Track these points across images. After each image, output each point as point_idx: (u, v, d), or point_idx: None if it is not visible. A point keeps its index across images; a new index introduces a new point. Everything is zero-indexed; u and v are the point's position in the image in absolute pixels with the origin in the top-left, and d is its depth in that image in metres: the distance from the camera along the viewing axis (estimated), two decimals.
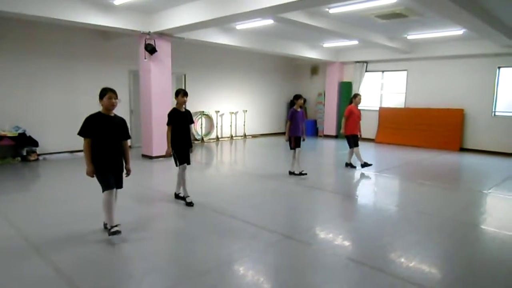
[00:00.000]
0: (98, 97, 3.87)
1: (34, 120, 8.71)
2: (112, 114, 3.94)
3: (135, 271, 3.29)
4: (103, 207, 3.88)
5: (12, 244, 3.81)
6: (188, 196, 5.30)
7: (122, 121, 4.03)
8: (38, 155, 8.59)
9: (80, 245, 3.77)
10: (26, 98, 8.63)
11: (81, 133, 3.78)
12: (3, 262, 3.41)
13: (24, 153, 8.41)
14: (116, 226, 3.86)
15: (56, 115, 9.05)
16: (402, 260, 3.59)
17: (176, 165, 5.27)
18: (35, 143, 8.47)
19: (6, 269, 3.27)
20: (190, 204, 5.20)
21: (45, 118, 8.92)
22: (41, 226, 4.33)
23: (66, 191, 5.92)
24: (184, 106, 5.29)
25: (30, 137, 8.41)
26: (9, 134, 8.05)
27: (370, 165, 7.95)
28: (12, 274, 3.18)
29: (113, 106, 3.87)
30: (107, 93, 3.84)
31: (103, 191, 3.86)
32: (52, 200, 5.47)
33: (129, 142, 10.77)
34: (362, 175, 7.63)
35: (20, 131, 8.23)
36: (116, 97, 3.89)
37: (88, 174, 3.80)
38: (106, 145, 3.85)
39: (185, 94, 5.22)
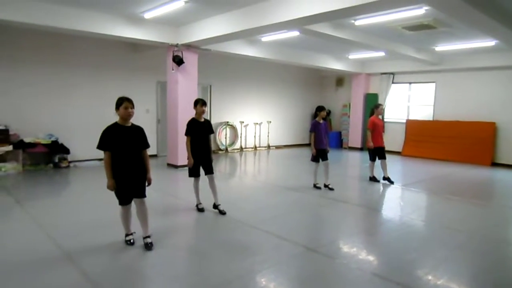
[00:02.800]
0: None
1: (66, 129, 9.04)
2: (129, 124, 3.88)
3: (157, 279, 3.33)
4: (120, 219, 4.06)
5: (41, 248, 3.95)
6: (200, 203, 5.40)
7: (139, 130, 3.96)
8: (69, 162, 8.89)
9: (107, 252, 3.86)
10: (59, 107, 8.98)
11: (100, 146, 3.75)
12: (33, 266, 3.52)
13: (56, 160, 8.72)
14: (130, 234, 4.02)
15: (87, 124, 9.35)
16: (430, 277, 3.48)
17: (189, 175, 5.31)
18: (67, 151, 8.78)
19: (35, 273, 3.39)
20: (201, 210, 5.32)
21: (76, 127, 9.23)
22: (70, 232, 4.46)
23: (95, 198, 6.08)
24: (203, 116, 5.30)
25: (62, 144, 8.72)
26: (42, 142, 8.38)
27: (378, 181, 7.85)
28: (41, 279, 3.29)
29: (129, 115, 3.79)
30: (123, 103, 3.74)
31: (118, 204, 3.98)
32: (81, 206, 5.64)
33: (155, 151, 10.98)
34: (388, 189, 7.47)
35: (53, 138, 8.55)
36: (133, 107, 3.80)
37: (109, 188, 3.81)
38: (125, 156, 3.81)
39: (203, 104, 5.22)
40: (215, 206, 5.42)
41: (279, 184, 7.59)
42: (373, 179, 7.96)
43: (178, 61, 8.56)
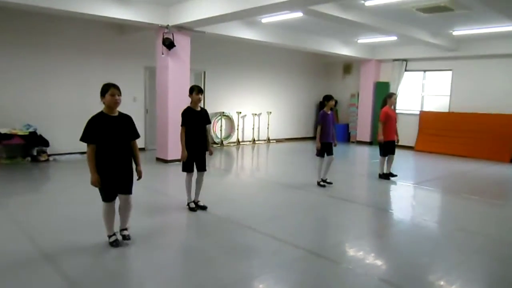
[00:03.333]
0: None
1: (45, 118, 9.04)
2: (116, 113, 3.89)
3: (146, 284, 3.36)
4: (102, 217, 4.03)
5: (20, 248, 3.96)
6: (192, 202, 5.40)
7: (128, 119, 3.98)
8: (49, 155, 8.89)
9: (90, 253, 3.88)
10: (37, 95, 8.96)
11: (84, 138, 3.74)
12: (9, 268, 3.55)
13: (35, 153, 8.72)
14: (113, 235, 4.03)
15: (68, 113, 9.34)
16: (442, 283, 3.53)
17: (182, 170, 5.34)
18: (46, 143, 8.78)
19: (11, 275, 3.41)
20: (193, 210, 5.34)
21: (56, 116, 9.23)
22: (50, 231, 4.48)
23: (77, 194, 6.10)
24: (199, 104, 5.33)
25: (41, 136, 8.72)
26: (19, 133, 8.37)
27: (388, 179, 7.86)
28: (20, 280, 3.31)
29: (116, 104, 3.79)
30: (109, 89, 3.74)
31: (102, 201, 3.97)
32: (62, 204, 5.66)
33: (143, 144, 10.99)
34: (399, 187, 7.52)
35: (31, 129, 8.54)
36: (120, 94, 3.81)
37: (92, 183, 3.81)
38: (112, 149, 3.82)
39: (200, 91, 5.23)
40: (195, 203, 5.47)
41: (280, 182, 7.62)
42: (384, 176, 7.98)
43: (169, 44, 8.54)
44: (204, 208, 5.43)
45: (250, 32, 10.02)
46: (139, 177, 4.11)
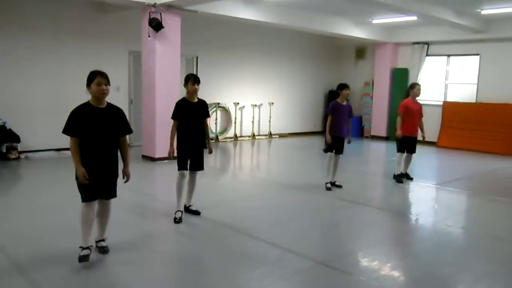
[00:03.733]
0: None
1: (15, 111, 9.01)
2: (104, 104, 3.91)
3: None
4: (80, 221, 3.91)
5: None
6: (179, 211, 5.25)
7: (118, 112, 3.99)
8: (20, 152, 8.89)
9: (67, 264, 3.87)
10: (6, 84, 8.95)
11: (66, 130, 3.75)
12: None
13: (4, 150, 8.71)
14: (87, 248, 3.85)
15: (41, 106, 9.33)
16: None
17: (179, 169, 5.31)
18: (17, 139, 8.77)
19: None
20: (175, 221, 5.12)
21: (28, 109, 9.22)
22: (22, 238, 4.48)
23: (52, 197, 6.10)
24: (196, 95, 5.32)
25: (10, 130, 8.72)
26: None
27: (401, 182, 7.77)
28: None
29: (103, 94, 3.80)
30: (95, 78, 3.76)
31: (82, 201, 3.89)
32: (35, 207, 5.66)
33: (127, 140, 11.01)
34: (418, 189, 7.53)
35: None
36: (108, 83, 3.83)
37: (79, 178, 3.79)
38: (96, 145, 3.83)
39: (196, 80, 5.23)
40: (187, 208, 5.45)
41: (283, 182, 7.63)
42: (398, 177, 7.94)
43: (156, 25, 8.52)
44: (197, 213, 5.42)
45: (249, 12, 9.99)
46: (127, 179, 4.09)
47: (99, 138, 3.85)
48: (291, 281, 3.77)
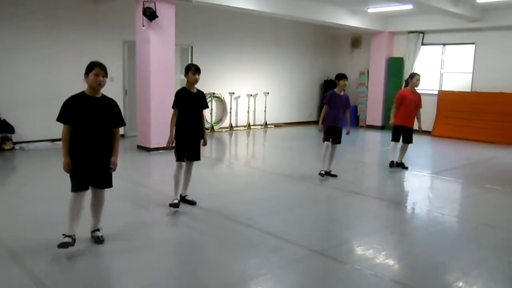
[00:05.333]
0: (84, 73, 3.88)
1: (9, 102, 8.97)
2: (99, 95, 3.97)
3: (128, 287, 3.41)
4: (67, 209, 3.92)
5: None
6: (176, 199, 5.30)
7: (112, 104, 4.05)
8: (14, 143, 8.87)
9: (62, 253, 3.88)
10: (0, 74, 8.91)
11: (60, 118, 3.82)
12: None
13: None
14: (70, 236, 3.85)
15: (36, 96, 9.28)
16: (461, 284, 3.59)
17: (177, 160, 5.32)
18: (11, 129, 8.75)
19: None
20: (175, 206, 5.20)
21: (22, 99, 9.17)
22: (17, 228, 4.50)
23: (47, 187, 6.11)
24: (195, 86, 5.30)
25: (4, 121, 8.69)
26: None
27: (406, 168, 7.85)
28: None
29: (99, 85, 3.87)
30: (93, 68, 3.82)
31: (71, 191, 3.91)
32: (30, 197, 5.67)
33: (122, 130, 10.96)
34: (414, 178, 7.57)
35: None
36: (105, 75, 3.89)
37: (65, 168, 3.85)
38: (89, 134, 3.88)
39: (196, 71, 5.24)
40: (183, 198, 5.47)
41: (279, 172, 7.65)
42: (395, 165, 8.01)
43: (150, 15, 8.47)
44: (192, 203, 5.44)
45: (244, 1, 9.93)
46: (113, 169, 4.10)
47: (92, 128, 3.89)
48: (287, 269, 3.80)
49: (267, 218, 5.10)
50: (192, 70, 5.21)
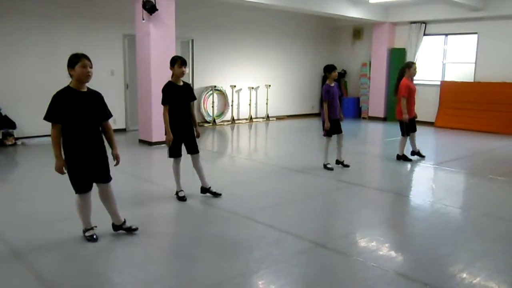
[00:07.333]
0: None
1: (10, 97, 8.97)
2: (85, 89, 3.84)
3: (127, 283, 3.40)
4: (77, 210, 3.97)
5: None
6: (181, 191, 5.36)
7: (98, 97, 3.95)
8: (16, 138, 8.88)
9: (65, 250, 3.90)
10: (1, 69, 8.89)
11: (48, 117, 3.69)
12: None
13: (0, 137, 8.71)
14: (91, 229, 3.97)
15: (37, 91, 9.24)
16: (464, 275, 3.58)
17: (169, 156, 5.30)
18: (12, 125, 8.76)
19: None
20: (182, 199, 5.28)
21: (23, 94, 9.17)
22: (20, 225, 4.50)
23: (49, 183, 6.08)
24: (182, 78, 5.28)
25: (6, 116, 8.70)
26: None
27: (410, 160, 7.85)
28: None
29: (88, 77, 3.74)
30: (79, 60, 3.67)
31: (75, 193, 3.91)
32: (32, 194, 5.68)
33: (123, 124, 10.96)
34: (417, 169, 7.56)
35: None
36: (92, 66, 3.76)
37: (57, 170, 3.78)
38: (81, 131, 3.79)
39: (183, 63, 5.16)
40: (205, 190, 5.47)
41: (281, 165, 7.64)
42: (403, 157, 7.92)
43: (150, 8, 8.44)
44: (217, 195, 5.43)
45: None
46: (117, 162, 4.07)
47: (83, 123, 3.80)
48: (289, 262, 3.79)
49: (269, 211, 5.09)
50: (178, 63, 5.13)
